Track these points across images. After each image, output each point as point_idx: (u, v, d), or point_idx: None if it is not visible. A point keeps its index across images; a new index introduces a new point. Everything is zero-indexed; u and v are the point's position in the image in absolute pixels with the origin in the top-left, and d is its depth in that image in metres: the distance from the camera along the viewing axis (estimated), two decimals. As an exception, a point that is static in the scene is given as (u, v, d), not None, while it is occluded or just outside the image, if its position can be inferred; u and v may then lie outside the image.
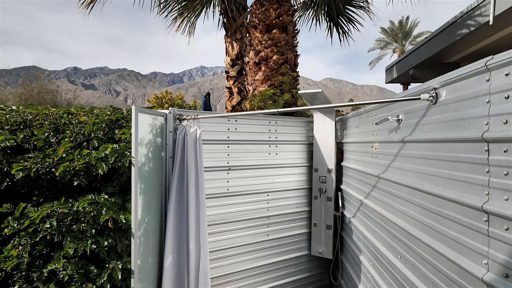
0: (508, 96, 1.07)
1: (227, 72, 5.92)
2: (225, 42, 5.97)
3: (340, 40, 6.54)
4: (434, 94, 1.54)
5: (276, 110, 2.06)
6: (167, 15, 5.68)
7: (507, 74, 1.08)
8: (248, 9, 5.72)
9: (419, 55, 4.69)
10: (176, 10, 5.57)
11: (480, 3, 3.06)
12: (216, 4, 5.68)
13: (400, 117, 1.96)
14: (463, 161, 1.31)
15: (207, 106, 6.70)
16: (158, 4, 5.48)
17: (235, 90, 5.74)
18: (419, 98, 1.60)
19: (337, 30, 6.34)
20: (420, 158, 1.70)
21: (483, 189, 1.19)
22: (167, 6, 5.56)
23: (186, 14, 5.38)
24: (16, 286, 2.16)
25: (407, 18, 32.51)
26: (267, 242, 3.26)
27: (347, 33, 6.35)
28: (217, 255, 2.99)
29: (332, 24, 6.17)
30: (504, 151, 1.08)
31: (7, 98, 18.85)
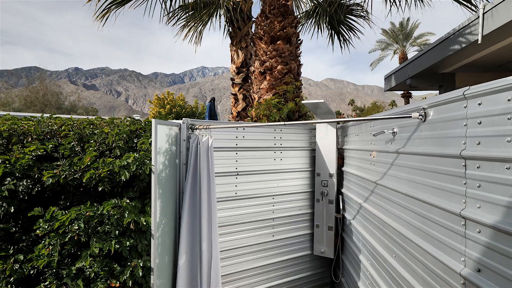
0: (480, 122, 1.29)
1: (232, 79, 6.14)
2: (230, 50, 6.20)
3: (341, 47, 6.77)
4: (423, 113, 1.76)
5: (283, 123, 2.28)
6: (174, 23, 5.92)
7: (479, 104, 1.30)
8: (253, 19, 5.94)
9: (415, 66, 4.91)
10: (183, 19, 5.80)
11: (470, 23, 3.29)
12: (222, 13, 5.91)
13: (395, 130, 2.18)
14: (446, 173, 1.52)
15: (212, 111, 6.90)
16: (166, 13, 5.71)
17: (240, 96, 5.96)
18: (411, 116, 1.82)
19: (338, 38, 6.56)
20: (412, 168, 1.92)
21: (461, 198, 1.40)
22: (175, 15, 5.80)
23: (193, 24, 5.61)
24: (47, 282, 2.38)
25: (408, 19, 32.66)
26: (272, 242, 3.48)
27: (348, 40, 6.58)
28: (226, 255, 3.20)
29: (333, 32, 6.39)
30: (477, 167, 1.30)
31: (13, 100, 19.05)
